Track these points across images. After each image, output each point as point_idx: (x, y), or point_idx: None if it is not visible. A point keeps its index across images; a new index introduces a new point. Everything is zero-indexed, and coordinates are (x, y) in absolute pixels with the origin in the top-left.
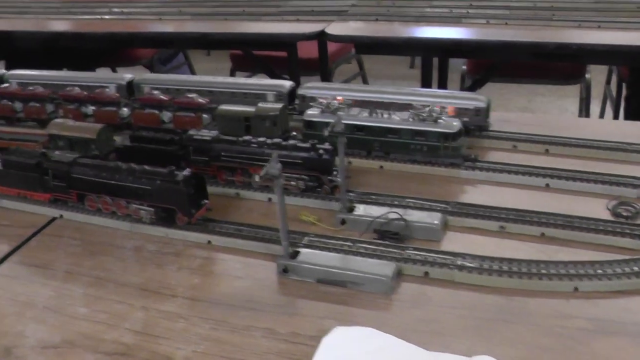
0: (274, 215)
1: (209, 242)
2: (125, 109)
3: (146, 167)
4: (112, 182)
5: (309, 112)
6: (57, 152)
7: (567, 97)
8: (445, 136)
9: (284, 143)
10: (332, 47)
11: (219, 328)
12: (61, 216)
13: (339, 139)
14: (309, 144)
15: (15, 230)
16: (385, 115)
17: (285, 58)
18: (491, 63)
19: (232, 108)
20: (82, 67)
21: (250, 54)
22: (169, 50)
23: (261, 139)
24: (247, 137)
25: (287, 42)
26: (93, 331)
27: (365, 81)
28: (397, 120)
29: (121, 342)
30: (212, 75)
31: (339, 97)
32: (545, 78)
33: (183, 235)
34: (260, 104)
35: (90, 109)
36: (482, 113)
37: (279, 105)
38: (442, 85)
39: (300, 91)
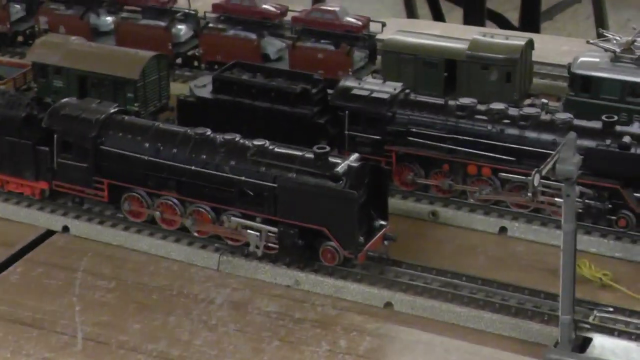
0: (515, 259)
1: (388, 304)
2: None
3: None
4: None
5: (583, 59)
6: None
7: None
8: None
9: (543, 117)
10: None
11: None
12: None
13: None
14: (599, 122)
15: None
16: None
17: None
18: None
19: (418, 41)
20: None
21: None
22: None
23: (496, 106)
24: (465, 101)
25: None
26: None
27: None
28: None
29: None
30: None
31: None
32: None
33: (335, 287)
34: (476, 36)
35: None
36: None
37: (520, 43)
38: None
39: None
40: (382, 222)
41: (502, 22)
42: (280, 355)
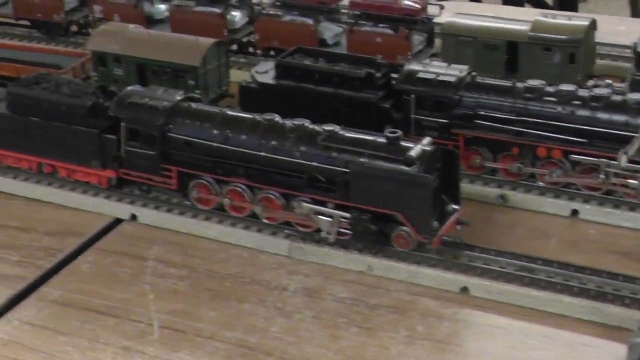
0: (588, 242)
1: (464, 288)
2: None
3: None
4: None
5: None
6: None
7: None
8: None
9: (614, 98)
10: None
11: None
12: None
13: None
14: None
15: None
16: None
17: None
18: None
19: (478, 23)
20: None
21: None
22: None
23: (566, 87)
24: (533, 82)
25: None
26: None
27: None
28: None
29: None
30: None
31: None
32: None
33: (409, 272)
34: (539, 18)
35: None
36: None
37: (584, 23)
38: None
39: None
40: (455, 206)
41: (539, 4)
42: (359, 341)
